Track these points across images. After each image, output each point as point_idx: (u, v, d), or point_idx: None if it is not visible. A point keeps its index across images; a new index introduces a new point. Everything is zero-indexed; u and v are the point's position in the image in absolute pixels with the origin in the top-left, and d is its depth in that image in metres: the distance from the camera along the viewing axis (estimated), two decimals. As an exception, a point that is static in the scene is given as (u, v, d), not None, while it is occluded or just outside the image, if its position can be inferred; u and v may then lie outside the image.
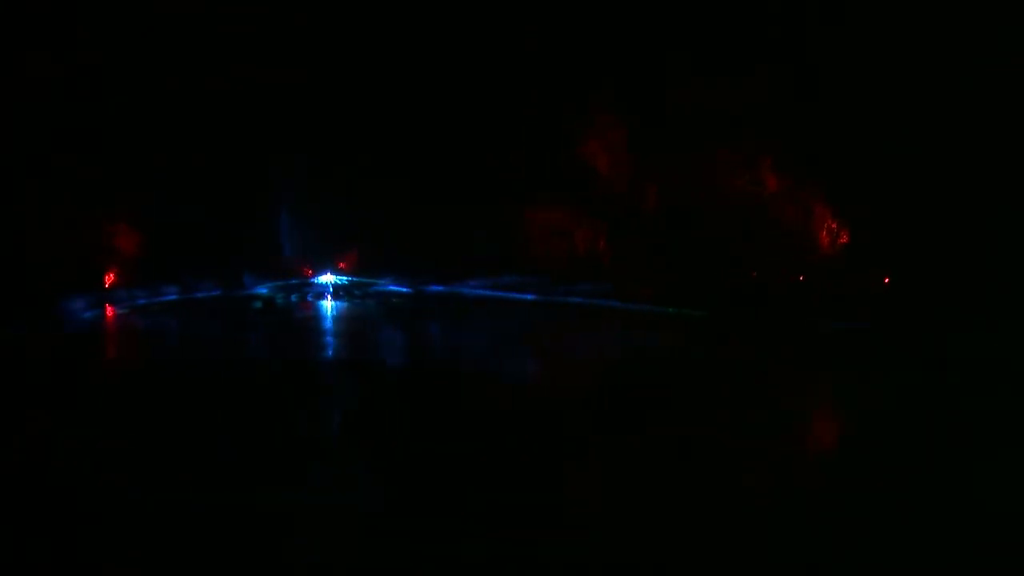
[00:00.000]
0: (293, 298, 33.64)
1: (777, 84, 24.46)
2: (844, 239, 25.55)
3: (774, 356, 17.66)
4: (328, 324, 25.77)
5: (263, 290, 34.83)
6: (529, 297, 30.43)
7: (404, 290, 35.58)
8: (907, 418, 10.71)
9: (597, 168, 28.67)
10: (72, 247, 25.58)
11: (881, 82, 22.65)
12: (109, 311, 27.78)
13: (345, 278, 39.27)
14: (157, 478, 7.98)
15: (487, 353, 18.30)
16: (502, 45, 28.91)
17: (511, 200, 29.93)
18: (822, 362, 16.84)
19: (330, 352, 18.76)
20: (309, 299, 33.82)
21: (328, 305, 31.98)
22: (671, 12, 26.03)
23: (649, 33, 26.14)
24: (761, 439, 9.47)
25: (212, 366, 15.99)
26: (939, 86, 21.62)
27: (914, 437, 9.74)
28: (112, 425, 10.58)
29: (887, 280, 24.45)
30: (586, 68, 27.48)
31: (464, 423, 10.56)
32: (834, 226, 25.71)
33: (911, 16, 21.34)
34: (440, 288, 34.18)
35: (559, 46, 27.65)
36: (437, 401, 12.11)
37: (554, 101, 28.67)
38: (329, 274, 39.20)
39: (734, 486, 7.79)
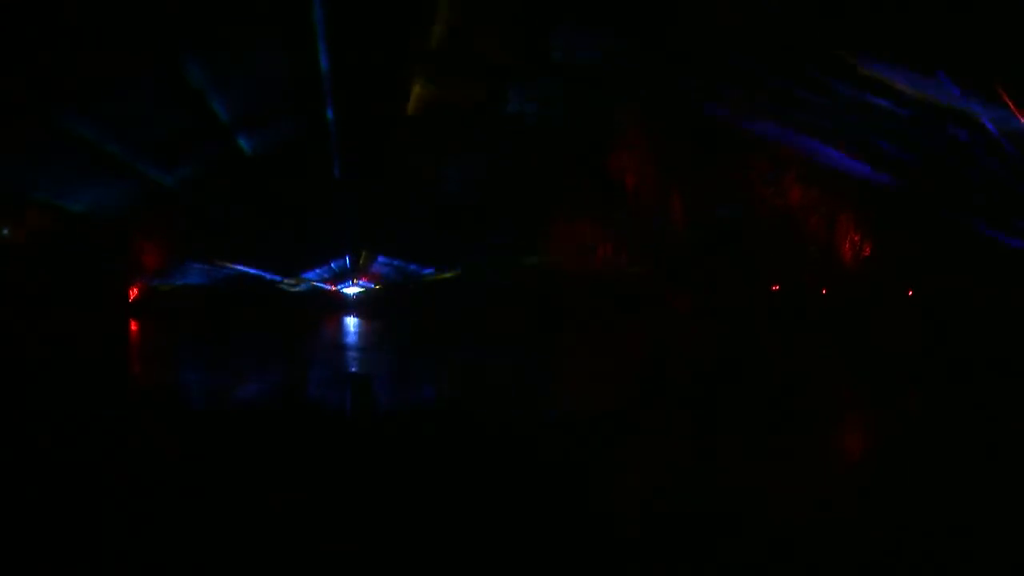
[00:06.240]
0: None
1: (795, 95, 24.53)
2: (867, 252, 25.55)
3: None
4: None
5: None
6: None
7: None
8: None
9: (622, 181, 28.59)
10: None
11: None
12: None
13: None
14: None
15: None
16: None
17: (531, 213, 29.89)
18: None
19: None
20: None
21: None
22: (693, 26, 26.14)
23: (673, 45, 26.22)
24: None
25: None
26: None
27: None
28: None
29: (911, 292, 24.49)
30: (611, 77, 27.49)
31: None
32: (856, 239, 25.73)
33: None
34: None
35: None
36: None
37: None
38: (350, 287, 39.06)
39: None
